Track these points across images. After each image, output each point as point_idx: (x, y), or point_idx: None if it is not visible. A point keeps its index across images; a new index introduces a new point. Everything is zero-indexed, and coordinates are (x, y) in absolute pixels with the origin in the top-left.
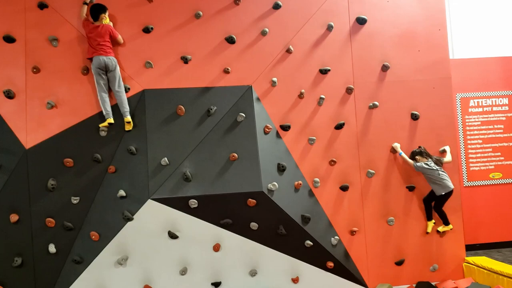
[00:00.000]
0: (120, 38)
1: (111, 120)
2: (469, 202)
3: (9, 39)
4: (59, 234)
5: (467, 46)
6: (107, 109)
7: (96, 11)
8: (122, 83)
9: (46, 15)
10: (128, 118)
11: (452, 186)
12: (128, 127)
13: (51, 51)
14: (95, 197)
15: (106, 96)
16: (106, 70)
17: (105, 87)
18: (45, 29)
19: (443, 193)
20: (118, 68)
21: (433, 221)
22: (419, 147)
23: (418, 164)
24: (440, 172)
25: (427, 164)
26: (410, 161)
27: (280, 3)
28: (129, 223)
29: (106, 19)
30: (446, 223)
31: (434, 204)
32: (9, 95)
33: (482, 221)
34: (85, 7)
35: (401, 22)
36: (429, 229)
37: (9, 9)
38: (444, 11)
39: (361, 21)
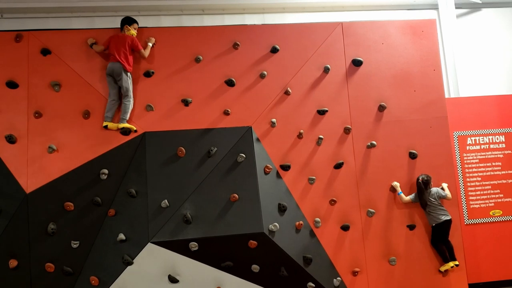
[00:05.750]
0: (143, 52)
1: (105, 123)
2: (470, 240)
3: (12, 85)
4: (59, 279)
5: (462, 85)
6: (106, 113)
7: (123, 22)
8: (127, 93)
9: (48, 61)
10: (121, 124)
11: (442, 219)
12: (113, 128)
13: (53, 96)
14: (95, 241)
15: (109, 102)
16: (114, 76)
17: (113, 92)
18: (47, 75)
19: (433, 225)
20: (124, 77)
21: (451, 263)
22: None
23: (413, 195)
24: (434, 204)
25: (416, 195)
26: (407, 198)
27: (277, 47)
28: (129, 267)
29: (129, 31)
30: (446, 260)
31: (431, 238)
32: (11, 139)
33: (484, 259)
34: (94, 46)
35: (396, 63)
36: (442, 268)
37: (12, 55)
38: (438, 51)
39: (357, 63)
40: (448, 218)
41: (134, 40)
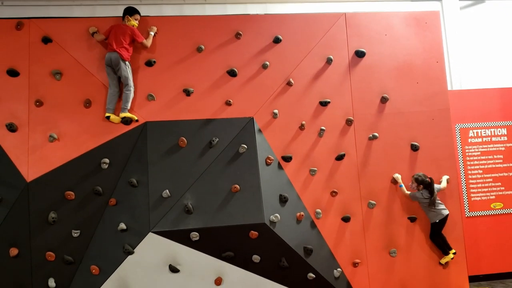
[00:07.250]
0: (145, 42)
1: (107, 114)
2: (471, 233)
3: (13, 73)
4: (59, 268)
5: (465, 78)
6: (107, 104)
7: (124, 12)
8: (127, 82)
9: (50, 49)
10: (122, 114)
11: (444, 214)
12: (115, 120)
13: (54, 85)
14: (96, 230)
15: (110, 93)
16: (112, 67)
17: (112, 83)
18: (48, 63)
19: (437, 221)
20: (123, 66)
21: (451, 254)
22: (424, 177)
23: (411, 194)
24: (435, 201)
25: (421, 194)
26: (407, 192)
27: (280, 37)
28: (129, 256)
29: (130, 21)
30: (445, 252)
31: (430, 233)
32: (12, 128)
33: (485, 251)
34: (95, 35)
35: (399, 55)
36: (443, 261)
37: (13, 43)
38: (441, 43)
39: (360, 54)
40: (448, 211)
41: (135, 31)
